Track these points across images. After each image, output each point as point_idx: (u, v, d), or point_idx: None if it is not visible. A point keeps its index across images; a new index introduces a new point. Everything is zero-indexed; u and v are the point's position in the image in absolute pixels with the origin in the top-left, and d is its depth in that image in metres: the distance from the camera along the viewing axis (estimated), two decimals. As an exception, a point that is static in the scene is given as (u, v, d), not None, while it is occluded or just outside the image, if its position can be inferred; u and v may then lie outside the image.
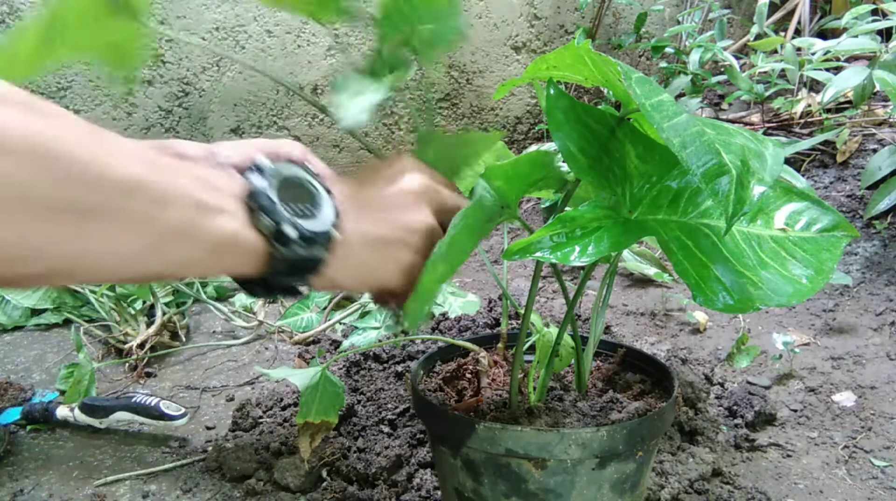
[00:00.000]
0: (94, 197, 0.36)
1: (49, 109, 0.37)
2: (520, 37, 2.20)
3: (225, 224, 0.41)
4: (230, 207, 0.42)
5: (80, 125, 0.37)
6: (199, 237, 0.41)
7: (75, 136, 0.37)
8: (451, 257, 0.45)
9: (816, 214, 0.50)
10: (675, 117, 0.38)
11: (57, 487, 0.81)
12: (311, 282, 0.47)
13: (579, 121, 0.49)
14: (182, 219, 0.39)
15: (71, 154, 0.36)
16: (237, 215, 0.42)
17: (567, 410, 0.62)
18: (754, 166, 0.38)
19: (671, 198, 0.49)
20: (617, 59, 0.43)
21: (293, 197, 0.45)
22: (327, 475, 0.80)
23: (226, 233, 0.41)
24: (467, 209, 0.46)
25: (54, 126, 0.36)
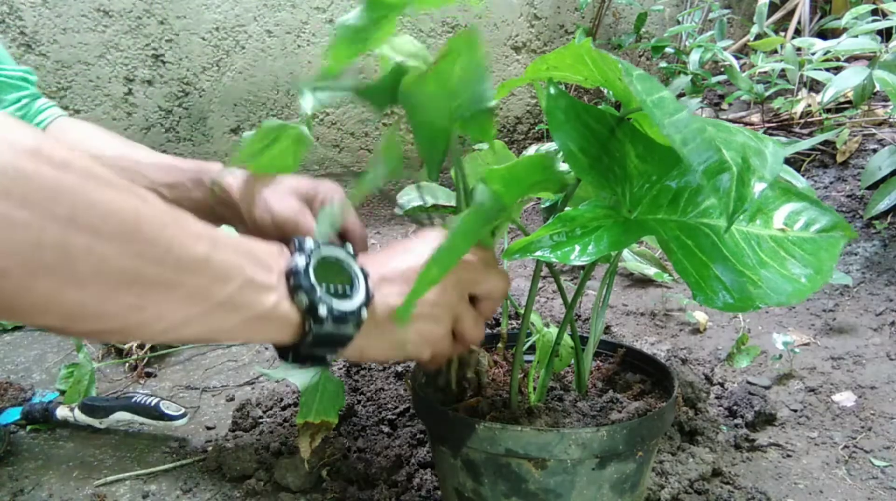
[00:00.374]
0: (163, 273, 0.41)
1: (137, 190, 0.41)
2: (520, 37, 2.21)
3: (268, 300, 0.46)
4: (274, 283, 0.47)
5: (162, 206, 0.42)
6: (244, 311, 0.45)
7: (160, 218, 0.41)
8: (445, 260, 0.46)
9: (815, 214, 0.50)
10: (676, 114, 0.38)
11: (57, 487, 0.81)
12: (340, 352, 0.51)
13: (579, 120, 0.49)
14: (233, 294, 0.44)
15: (155, 235, 0.40)
16: (279, 291, 0.47)
17: (567, 410, 0.62)
18: (755, 164, 0.38)
19: (671, 197, 0.49)
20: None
21: (330, 276, 0.50)
22: (327, 475, 0.80)
23: (267, 308, 0.46)
24: (464, 215, 0.46)
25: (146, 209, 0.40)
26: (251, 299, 0.46)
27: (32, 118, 0.86)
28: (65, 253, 0.37)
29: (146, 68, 1.86)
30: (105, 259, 0.38)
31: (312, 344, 0.49)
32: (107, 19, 1.79)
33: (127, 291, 0.40)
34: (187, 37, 1.87)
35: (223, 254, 0.44)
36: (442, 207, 0.71)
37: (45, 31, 1.73)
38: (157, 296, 0.41)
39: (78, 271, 0.37)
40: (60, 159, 0.37)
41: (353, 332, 0.50)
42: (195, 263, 0.42)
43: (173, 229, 0.41)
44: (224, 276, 0.44)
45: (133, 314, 0.41)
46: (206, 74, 1.91)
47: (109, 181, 0.39)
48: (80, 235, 0.37)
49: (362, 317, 0.50)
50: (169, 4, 1.83)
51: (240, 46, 1.92)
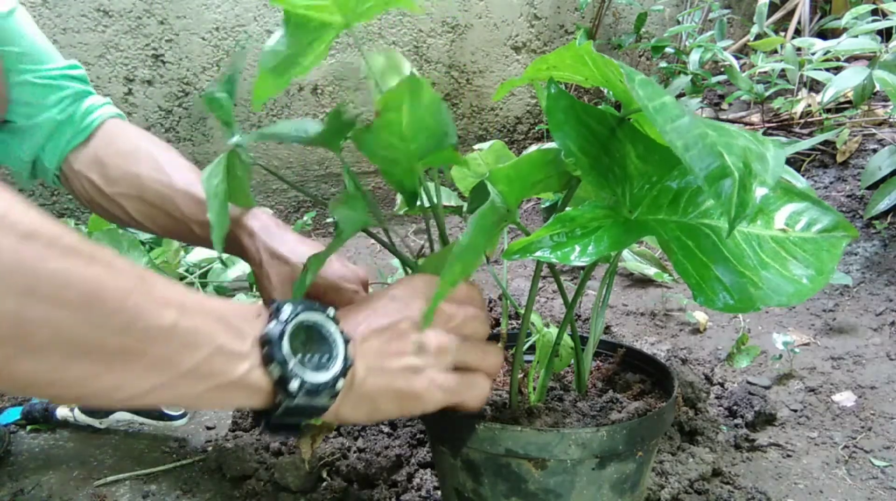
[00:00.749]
0: (125, 342, 0.40)
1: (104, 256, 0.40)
2: (520, 37, 2.20)
3: (238, 368, 0.45)
4: (247, 350, 0.46)
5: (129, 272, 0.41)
6: (212, 379, 0.44)
7: (125, 285, 0.40)
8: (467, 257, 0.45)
9: (817, 214, 0.50)
10: (677, 120, 0.38)
11: (57, 487, 0.81)
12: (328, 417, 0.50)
13: (579, 120, 0.49)
14: (200, 362, 0.43)
15: (118, 305, 0.39)
16: (252, 359, 0.46)
17: (567, 410, 0.62)
18: (756, 169, 0.38)
19: (671, 198, 0.49)
20: (617, 60, 0.43)
21: (309, 342, 0.48)
22: (327, 475, 0.80)
23: (237, 376, 0.45)
24: (481, 211, 0.46)
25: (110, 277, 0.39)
26: (220, 367, 0.44)
27: (80, 121, 0.82)
28: (19, 325, 0.36)
29: (146, 68, 1.86)
30: (61, 330, 0.37)
31: (283, 415, 0.47)
32: (107, 19, 1.79)
33: (83, 360, 0.39)
34: (187, 37, 1.87)
35: (192, 321, 0.42)
36: None
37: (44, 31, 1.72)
38: (117, 365, 0.40)
39: (32, 342, 0.37)
40: (24, 229, 0.36)
41: (328, 403, 0.48)
42: (160, 331, 0.41)
43: (138, 297, 0.40)
44: (192, 344, 0.42)
45: (90, 382, 0.39)
46: (206, 74, 1.91)
47: (74, 249, 0.38)
48: (36, 306, 0.36)
49: (337, 388, 0.48)
50: (169, 4, 1.83)
51: (240, 46, 1.92)
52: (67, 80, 0.83)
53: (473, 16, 2.13)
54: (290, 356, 0.46)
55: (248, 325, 0.47)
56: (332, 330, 0.49)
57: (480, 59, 2.17)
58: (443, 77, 2.14)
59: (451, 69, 2.15)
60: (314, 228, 2.01)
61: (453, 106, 2.18)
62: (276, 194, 1.99)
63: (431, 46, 2.11)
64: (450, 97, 2.17)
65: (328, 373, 0.47)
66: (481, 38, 2.16)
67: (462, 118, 2.20)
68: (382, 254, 1.76)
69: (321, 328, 0.49)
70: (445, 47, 2.12)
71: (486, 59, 2.18)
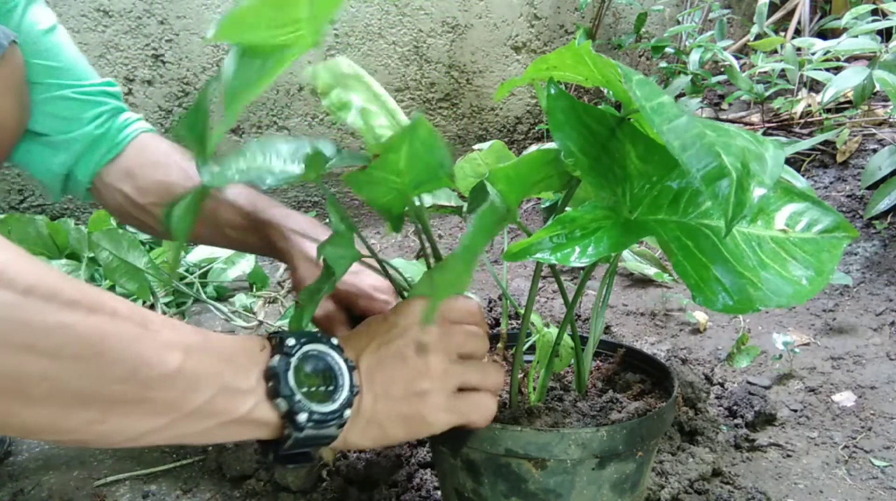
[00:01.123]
0: (127, 390, 0.40)
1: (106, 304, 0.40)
2: (520, 37, 2.20)
3: (244, 405, 0.45)
4: (253, 385, 0.46)
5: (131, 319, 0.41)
6: (218, 417, 0.44)
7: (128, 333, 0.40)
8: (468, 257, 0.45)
9: (817, 214, 0.50)
10: (675, 120, 0.38)
11: (57, 487, 0.81)
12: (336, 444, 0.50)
13: (579, 121, 0.49)
14: (205, 403, 0.43)
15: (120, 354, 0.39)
16: (258, 393, 0.46)
17: (567, 410, 0.62)
18: (754, 169, 0.38)
19: (671, 198, 0.49)
20: (617, 60, 0.43)
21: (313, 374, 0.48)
22: (327, 475, 0.80)
23: (243, 413, 0.45)
24: (482, 211, 0.46)
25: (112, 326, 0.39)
26: (225, 405, 0.44)
27: (115, 136, 0.83)
28: (18, 379, 0.36)
29: (146, 68, 1.86)
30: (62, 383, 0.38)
31: (292, 447, 0.47)
32: (107, 19, 1.79)
33: (84, 409, 0.39)
34: (187, 37, 1.87)
35: (196, 362, 0.43)
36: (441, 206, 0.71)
37: (45, 31, 1.73)
38: (118, 411, 0.40)
39: (32, 394, 0.37)
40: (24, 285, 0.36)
41: (336, 432, 0.48)
42: (163, 377, 0.41)
43: (141, 345, 0.40)
44: (195, 386, 0.43)
45: (91, 427, 0.40)
46: (206, 74, 1.91)
47: (74, 301, 0.38)
48: (36, 361, 0.36)
49: (345, 417, 0.48)
50: (169, 4, 1.83)
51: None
52: (104, 96, 0.84)
53: (473, 16, 2.13)
54: (296, 389, 0.46)
55: (252, 360, 0.47)
56: (336, 359, 0.50)
57: (480, 59, 2.17)
58: (443, 77, 2.14)
59: (451, 69, 2.15)
60: (314, 228, 2.01)
61: (453, 106, 2.18)
62: (276, 193, 1.99)
63: (431, 46, 2.11)
64: (450, 97, 2.17)
65: (335, 403, 0.48)
66: (481, 38, 2.16)
67: (462, 118, 2.20)
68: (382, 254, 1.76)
69: (326, 358, 0.50)
70: (445, 47, 2.12)
71: (486, 59, 2.18)
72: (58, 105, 0.79)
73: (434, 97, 2.15)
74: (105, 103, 0.83)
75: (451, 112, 2.19)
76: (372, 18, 2.03)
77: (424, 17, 2.08)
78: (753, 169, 0.38)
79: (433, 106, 2.15)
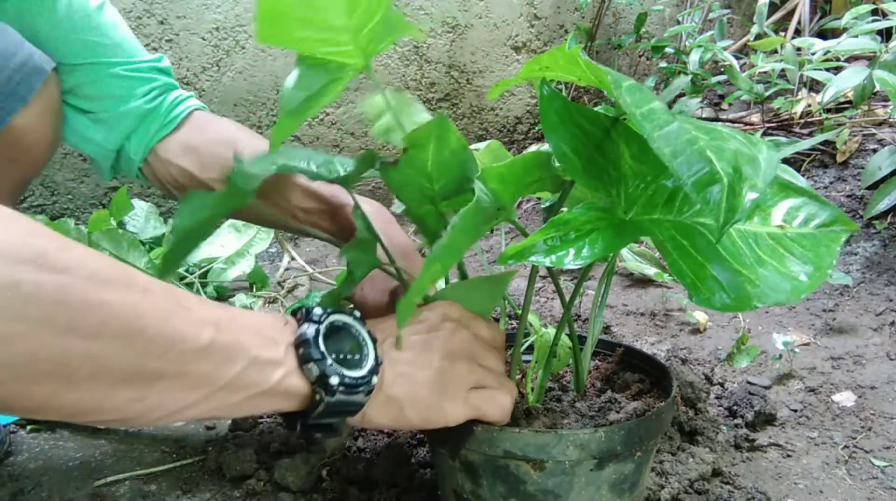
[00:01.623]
0: (166, 366, 0.41)
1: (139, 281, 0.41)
2: (520, 37, 2.20)
3: (274, 376, 0.46)
4: (281, 357, 0.47)
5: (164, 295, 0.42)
6: (249, 389, 0.45)
7: (163, 310, 0.41)
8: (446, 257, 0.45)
9: (814, 209, 0.50)
10: (665, 126, 0.38)
11: (57, 487, 0.81)
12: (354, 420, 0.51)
13: (573, 122, 0.49)
14: (237, 375, 0.44)
15: (157, 331, 0.40)
16: (288, 364, 0.47)
17: (565, 410, 0.62)
18: (747, 173, 0.38)
19: (666, 197, 0.49)
20: (617, 60, 0.43)
21: (340, 343, 0.50)
22: (327, 475, 0.80)
23: (272, 383, 0.46)
24: (464, 211, 0.46)
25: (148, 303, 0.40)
26: (256, 377, 0.45)
27: (168, 112, 0.82)
28: (63, 361, 0.37)
29: (146, 69, 1.86)
30: (104, 362, 0.38)
31: (322, 414, 0.48)
32: (107, 20, 1.79)
33: (127, 387, 0.40)
34: (187, 37, 1.87)
35: (228, 336, 0.44)
36: None
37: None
38: (158, 387, 0.41)
39: (76, 376, 0.37)
40: (63, 264, 0.37)
41: (364, 400, 0.50)
42: (199, 351, 0.42)
43: (176, 321, 0.41)
44: (229, 359, 0.44)
45: (132, 405, 0.41)
46: (206, 74, 1.91)
47: (111, 279, 0.39)
48: (78, 341, 0.37)
49: (373, 384, 0.50)
50: (169, 4, 1.83)
51: (240, 46, 1.92)
52: (156, 72, 0.83)
53: (473, 16, 2.13)
54: (326, 353, 0.48)
55: (279, 333, 0.48)
56: (360, 330, 0.51)
57: (480, 59, 2.17)
58: (443, 77, 2.14)
59: (451, 69, 2.15)
60: (314, 228, 2.01)
61: (453, 106, 2.18)
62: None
63: (431, 46, 2.11)
64: (450, 97, 2.17)
65: (363, 369, 0.49)
66: (481, 38, 2.16)
67: (462, 118, 2.20)
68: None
69: (350, 328, 0.51)
70: (445, 47, 2.12)
71: (486, 59, 2.18)
72: (109, 82, 0.79)
73: (434, 97, 2.15)
74: (156, 79, 0.82)
75: (451, 112, 2.19)
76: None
77: (424, 17, 2.08)
78: (746, 173, 0.37)
79: (433, 106, 2.15)
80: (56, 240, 0.38)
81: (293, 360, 0.47)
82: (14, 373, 0.36)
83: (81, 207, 1.89)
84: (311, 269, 1.66)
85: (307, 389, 0.48)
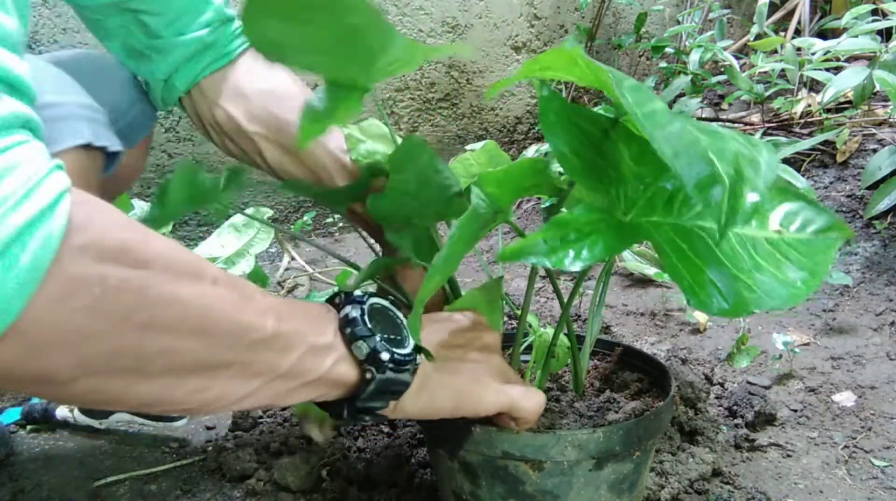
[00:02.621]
0: (235, 356, 0.41)
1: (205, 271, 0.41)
2: (520, 37, 2.20)
3: (325, 363, 0.47)
4: (331, 341, 0.47)
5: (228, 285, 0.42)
6: (302, 376, 0.46)
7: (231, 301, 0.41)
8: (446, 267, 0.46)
9: (811, 215, 0.50)
10: (667, 126, 0.38)
11: (57, 487, 0.81)
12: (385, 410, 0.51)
13: (572, 122, 0.49)
14: (295, 361, 0.45)
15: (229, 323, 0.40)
16: (337, 350, 0.47)
17: (564, 411, 0.62)
18: (748, 174, 0.38)
19: (666, 200, 0.49)
20: (615, 61, 0.43)
21: (383, 323, 0.50)
22: (327, 475, 0.80)
23: (324, 370, 0.47)
24: (462, 219, 0.46)
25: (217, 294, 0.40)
26: (311, 364, 0.46)
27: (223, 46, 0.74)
28: (140, 357, 0.37)
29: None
30: (179, 355, 0.38)
31: (371, 395, 0.48)
32: (107, 20, 1.79)
33: (195, 377, 0.40)
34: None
35: (288, 324, 0.44)
36: None
37: (45, 31, 1.73)
38: (223, 377, 0.41)
39: (150, 369, 0.38)
40: (143, 257, 0.37)
41: (410, 379, 0.50)
42: (265, 340, 0.42)
43: (243, 312, 0.41)
44: (290, 346, 0.44)
45: (197, 395, 0.41)
46: (206, 74, 1.91)
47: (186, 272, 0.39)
48: (156, 337, 0.37)
49: (417, 362, 0.50)
50: (169, 5, 1.83)
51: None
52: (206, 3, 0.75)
53: (473, 16, 2.13)
54: (374, 330, 0.48)
55: (326, 318, 0.49)
56: (398, 313, 0.52)
57: (480, 59, 2.17)
58: (443, 77, 2.14)
59: (451, 69, 2.15)
60: (314, 228, 2.01)
61: (453, 106, 2.18)
62: (276, 193, 1.99)
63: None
64: (450, 97, 2.17)
65: (407, 348, 0.50)
66: (481, 38, 2.16)
67: (462, 118, 2.20)
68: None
69: (388, 311, 0.52)
70: (446, 47, 2.12)
71: (486, 59, 2.18)
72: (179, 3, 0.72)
73: (434, 97, 2.15)
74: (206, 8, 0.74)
75: (450, 112, 2.19)
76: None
77: (424, 17, 2.08)
78: (747, 174, 0.37)
79: (433, 106, 2.15)
80: (138, 231, 0.38)
81: (341, 343, 0.48)
82: (93, 369, 0.36)
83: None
84: (311, 269, 1.66)
85: (355, 376, 0.48)
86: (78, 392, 0.37)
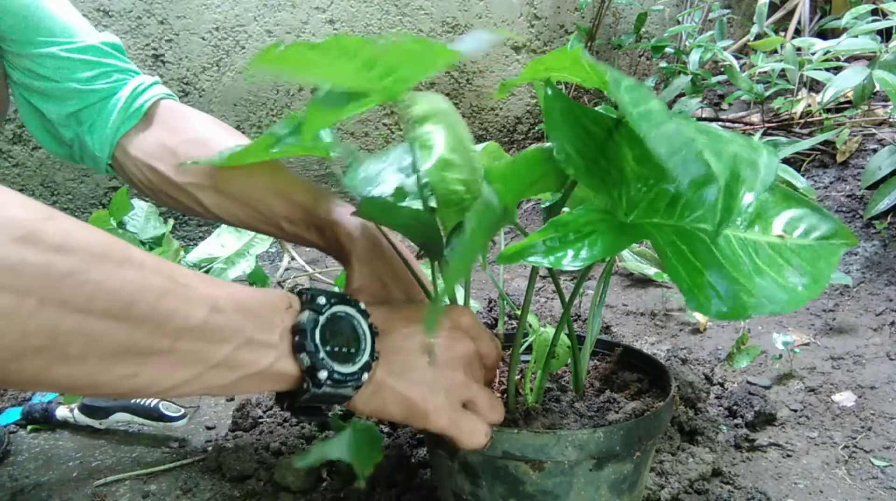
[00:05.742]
0: (158, 343, 0.41)
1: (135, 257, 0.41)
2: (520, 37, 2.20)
3: (265, 359, 0.46)
4: (276, 341, 0.47)
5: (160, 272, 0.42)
6: (240, 369, 0.46)
7: (158, 287, 0.41)
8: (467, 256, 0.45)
9: (815, 221, 0.50)
10: (662, 125, 0.38)
11: (57, 487, 0.81)
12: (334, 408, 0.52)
13: (576, 122, 0.49)
14: (228, 355, 0.44)
15: (151, 308, 0.40)
16: (281, 349, 0.47)
17: (564, 411, 0.62)
18: (745, 175, 0.38)
19: (668, 201, 0.49)
20: (617, 60, 0.43)
21: (338, 335, 0.50)
22: (327, 475, 0.80)
23: (264, 366, 0.46)
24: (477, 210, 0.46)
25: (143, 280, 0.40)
26: (248, 358, 0.46)
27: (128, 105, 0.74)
28: (54, 336, 0.37)
29: (146, 68, 1.86)
30: (97, 338, 0.38)
31: (309, 401, 0.49)
32: (107, 19, 1.79)
33: (119, 362, 0.40)
34: (187, 37, 1.87)
35: (222, 317, 0.44)
36: None
37: (45, 32, 1.73)
38: (150, 364, 0.41)
39: (68, 351, 0.37)
40: (54, 242, 0.37)
41: (352, 393, 0.50)
42: (191, 330, 0.42)
43: (170, 299, 0.41)
44: (221, 339, 0.44)
45: (125, 381, 0.41)
46: (206, 73, 1.91)
47: (105, 256, 0.39)
48: (70, 317, 0.37)
49: (362, 380, 0.50)
50: (169, 4, 1.83)
51: (240, 46, 1.92)
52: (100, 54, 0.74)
53: (473, 16, 2.13)
54: (320, 346, 0.48)
55: (279, 316, 0.48)
56: (362, 323, 0.52)
57: (480, 59, 2.17)
58: (443, 77, 2.14)
59: (451, 69, 2.15)
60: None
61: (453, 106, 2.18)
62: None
63: (431, 46, 2.10)
64: (449, 97, 2.17)
65: (355, 366, 0.50)
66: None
67: (462, 118, 2.20)
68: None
69: (352, 320, 0.51)
70: (445, 47, 2.12)
71: (486, 59, 2.18)
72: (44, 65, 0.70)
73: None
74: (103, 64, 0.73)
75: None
76: (372, 18, 2.03)
77: (424, 17, 2.08)
78: (745, 175, 0.37)
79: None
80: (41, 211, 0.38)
81: (287, 345, 0.48)
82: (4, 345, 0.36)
83: (81, 207, 1.89)
84: (311, 269, 1.66)
85: (297, 372, 0.48)
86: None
